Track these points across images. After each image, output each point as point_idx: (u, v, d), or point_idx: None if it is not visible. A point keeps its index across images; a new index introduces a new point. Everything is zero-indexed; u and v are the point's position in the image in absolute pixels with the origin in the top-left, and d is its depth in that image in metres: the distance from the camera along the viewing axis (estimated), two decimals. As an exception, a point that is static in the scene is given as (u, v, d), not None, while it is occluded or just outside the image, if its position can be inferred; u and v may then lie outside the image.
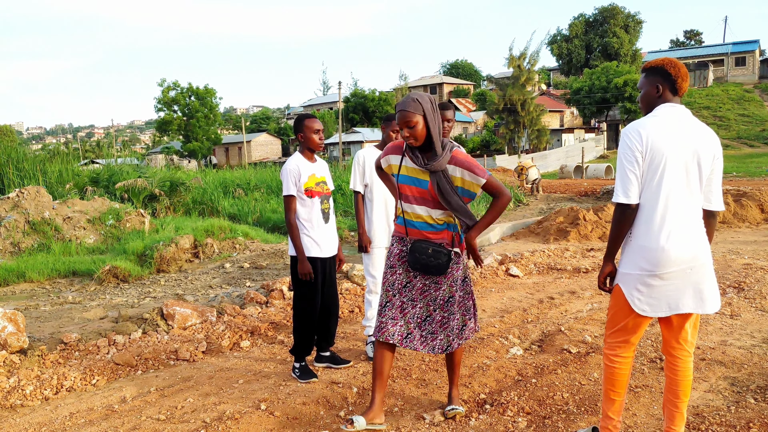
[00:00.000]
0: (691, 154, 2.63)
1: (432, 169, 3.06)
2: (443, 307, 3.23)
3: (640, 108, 2.87)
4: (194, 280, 8.73)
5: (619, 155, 2.70)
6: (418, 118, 3.01)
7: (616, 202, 2.68)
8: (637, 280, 2.67)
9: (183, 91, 47.76)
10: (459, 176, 3.08)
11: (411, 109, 3.00)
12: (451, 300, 3.22)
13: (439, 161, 3.05)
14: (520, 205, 18.05)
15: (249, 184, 20.70)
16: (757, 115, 46.76)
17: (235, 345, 4.93)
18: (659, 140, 2.61)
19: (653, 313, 2.69)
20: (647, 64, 2.83)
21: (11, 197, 11.18)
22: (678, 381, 2.79)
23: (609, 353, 2.86)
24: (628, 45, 55.55)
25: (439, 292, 3.21)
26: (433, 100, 3.11)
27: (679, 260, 2.61)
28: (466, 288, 3.30)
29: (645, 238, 2.64)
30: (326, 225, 4.14)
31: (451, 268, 3.18)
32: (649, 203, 2.64)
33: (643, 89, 2.81)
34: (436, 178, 3.06)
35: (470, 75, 75.47)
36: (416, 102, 3.01)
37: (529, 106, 39.37)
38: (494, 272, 7.28)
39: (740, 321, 5.05)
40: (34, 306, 7.15)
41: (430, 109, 3.05)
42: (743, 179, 21.87)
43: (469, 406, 3.62)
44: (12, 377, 4.07)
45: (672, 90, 2.73)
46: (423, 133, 3.04)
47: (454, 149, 3.10)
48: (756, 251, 8.16)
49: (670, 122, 2.65)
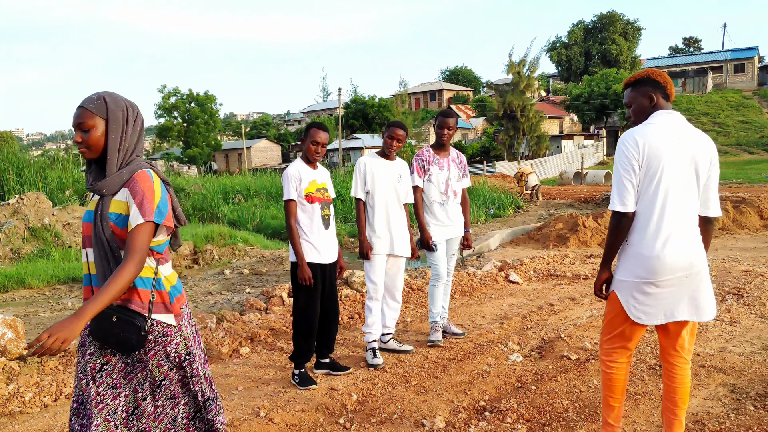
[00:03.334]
0: (689, 161, 2.63)
1: (98, 191, 2.20)
2: (155, 395, 2.27)
3: (631, 123, 2.85)
4: (194, 287, 8.73)
5: (616, 163, 2.70)
6: (97, 121, 2.18)
7: (612, 210, 2.69)
8: (633, 287, 2.67)
9: (183, 98, 47.82)
10: (124, 201, 2.17)
11: (91, 108, 2.19)
12: (164, 383, 2.27)
13: (106, 182, 2.18)
14: (519, 212, 18.06)
15: (249, 190, 20.74)
16: (756, 121, 46.87)
17: (235, 351, 4.92)
18: (656, 147, 2.60)
19: (649, 321, 2.68)
20: (630, 79, 2.84)
21: (11, 203, 11.19)
22: (676, 388, 2.78)
23: (605, 359, 2.86)
24: (627, 52, 55.76)
25: (146, 372, 2.25)
26: (130, 108, 2.27)
27: (676, 268, 2.60)
28: (188, 369, 2.29)
29: (641, 245, 2.64)
30: (326, 231, 4.15)
31: (155, 342, 2.21)
32: (646, 210, 2.64)
33: (634, 103, 2.80)
34: (101, 206, 2.19)
35: (470, 81, 75.63)
36: (101, 101, 2.21)
37: (528, 112, 39.46)
38: (494, 279, 7.28)
39: (740, 328, 5.05)
40: (33, 312, 7.15)
41: (120, 117, 2.21)
42: (742, 186, 21.89)
43: (468, 413, 3.62)
44: (11, 384, 4.06)
45: (664, 96, 2.75)
46: (100, 143, 2.19)
47: (140, 171, 2.20)
48: (755, 258, 8.16)
49: (667, 129, 2.65)
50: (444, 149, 4.90)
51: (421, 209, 4.81)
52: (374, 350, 4.51)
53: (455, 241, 4.99)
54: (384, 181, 4.51)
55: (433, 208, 4.81)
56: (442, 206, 4.82)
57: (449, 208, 4.85)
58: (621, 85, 42.32)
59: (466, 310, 6.01)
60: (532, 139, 40.26)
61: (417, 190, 4.80)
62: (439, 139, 4.86)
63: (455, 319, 5.62)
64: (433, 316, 4.93)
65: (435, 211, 4.81)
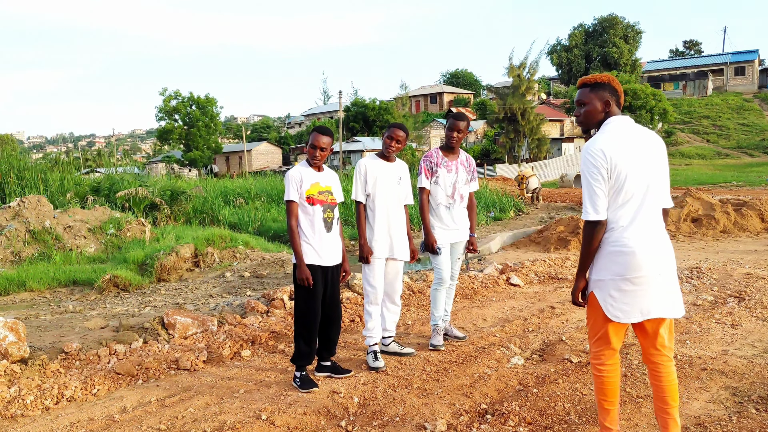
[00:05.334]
0: (649, 161, 2.76)
1: None
2: None
3: (577, 122, 2.94)
4: (195, 289, 8.73)
5: (584, 174, 2.77)
6: None
7: (586, 220, 2.76)
8: (611, 285, 2.76)
9: (184, 101, 47.91)
10: None
11: None
12: None
13: None
14: (520, 215, 18.07)
15: (249, 193, 20.75)
16: (756, 124, 46.88)
17: (236, 354, 4.92)
18: (621, 154, 2.72)
19: (626, 319, 2.76)
20: (590, 80, 2.89)
21: (12, 206, 11.20)
22: (664, 387, 2.82)
23: (595, 363, 2.92)
24: (628, 55, 55.76)
25: None
26: None
27: (650, 264, 2.71)
28: None
29: (616, 244, 2.74)
30: (328, 234, 4.15)
31: None
32: (619, 213, 2.74)
33: (589, 103, 2.87)
34: None
35: (470, 84, 75.68)
36: None
37: (529, 115, 39.49)
38: (495, 281, 7.28)
39: (741, 331, 5.05)
40: (34, 315, 7.15)
41: None
42: (743, 188, 21.90)
43: (470, 416, 3.61)
44: (13, 387, 4.06)
45: (617, 104, 2.85)
46: None
47: None
48: (757, 261, 8.16)
49: (625, 135, 2.78)
50: (453, 152, 4.85)
51: (426, 211, 4.75)
52: (375, 353, 4.51)
53: (460, 244, 4.96)
54: (385, 184, 4.49)
55: (439, 211, 4.78)
56: (448, 209, 4.78)
57: (455, 212, 4.80)
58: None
59: (467, 312, 6.01)
60: (533, 141, 40.29)
61: (424, 192, 4.76)
62: (448, 141, 4.81)
63: (456, 322, 5.61)
64: (434, 319, 4.92)
65: (441, 214, 4.78)
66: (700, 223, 11.14)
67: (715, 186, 24.37)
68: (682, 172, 34.70)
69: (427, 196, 4.77)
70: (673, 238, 10.45)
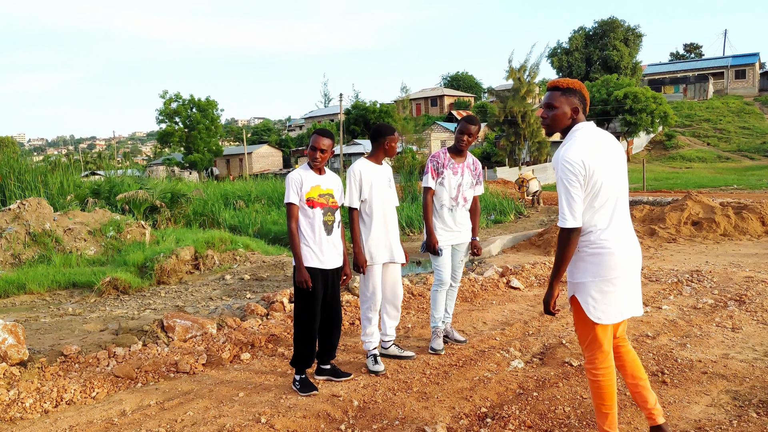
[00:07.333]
0: (617, 166, 2.86)
1: None
2: None
3: (543, 124, 2.97)
4: (195, 292, 8.72)
5: (562, 182, 2.78)
6: None
7: (563, 227, 2.78)
8: (592, 287, 2.82)
9: (185, 103, 47.95)
10: None
11: None
12: None
13: None
14: (521, 217, 18.06)
15: (250, 195, 20.76)
16: (757, 127, 46.85)
17: (236, 357, 4.91)
18: (597, 161, 2.78)
19: (608, 320, 2.82)
20: (562, 84, 2.89)
21: (12, 209, 11.20)
22: (629, 363, 2.98)
23: (589, 368, 2.93)
24: (628, 58, 55.81)
25: None
26: None
27: (627, 263, 2.82)
28: None
29: (595, 246, 2.81)
30: (329, 237, 4.14)
31: None
32: (596, 216, 2.80)
33: (559, 107, 2.87)
34: None
35: (471, 87, 75.74)
36: None
37: (529, 118, 39.45)
38: (495, 284, 7.27)
39: (742, 334, 5.04)
40: (34, 318, 7.14)
41: None
42: (744, 192, 21.89)
43: (470, 419, 3.60)
44: (12, 390, 4.06)
45: (584, 111, 2.89)
46: None
47: None
48: (757, 264, 8.14)
49: (596, 141, 2.83)
50: (461, 154, 4.84)
51: (430, 212, 4.75)
52: (375, 356, 4.50)
53: (462, 247, 4.95)
54: (380, 187, 4.48)
55: (442, 213, 4.77)
56: (451, 211, 4.77)
57: (458, 214, 4.79)
58: (621, 92, 42.08)
59: (468, 315, 6.00)
60: (533, 144, 40.24)
61: (428, 192, 4.75)
62: (457, 144, 4.79)
63: (456, 325, 5.60)
64: (434, 321, 4.90)
65: (443, 215, 4.77)
66: (700, 226, 11.12)
67: (715, 189, 24.35)
68: (682, 175, 34.70)
69: (431, 196, 4.77)
70: (673, 241, 10.44)
